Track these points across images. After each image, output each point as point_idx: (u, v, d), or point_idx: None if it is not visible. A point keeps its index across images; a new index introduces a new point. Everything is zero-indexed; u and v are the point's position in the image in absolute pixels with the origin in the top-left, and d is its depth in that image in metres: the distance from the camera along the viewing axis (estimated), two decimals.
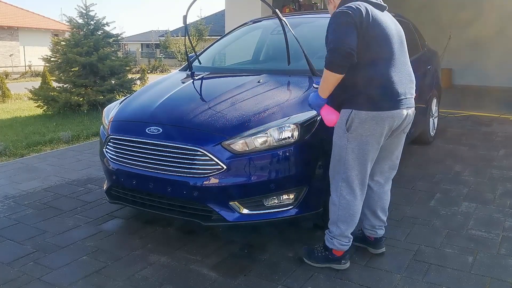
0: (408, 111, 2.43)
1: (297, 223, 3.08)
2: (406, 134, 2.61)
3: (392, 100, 2.34)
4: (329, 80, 2.29)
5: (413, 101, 2.50)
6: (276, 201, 2.72)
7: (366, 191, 2.58)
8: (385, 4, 2.50)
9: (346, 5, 2.35)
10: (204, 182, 2.64)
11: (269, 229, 3.04)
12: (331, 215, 2.54)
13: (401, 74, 2.40)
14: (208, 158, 2.62)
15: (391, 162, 2.65)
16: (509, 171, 4.32)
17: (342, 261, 2.54)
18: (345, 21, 2.25)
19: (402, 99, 2.37)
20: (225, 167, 2.60)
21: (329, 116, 2.45)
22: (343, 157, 2.42)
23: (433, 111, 5.42)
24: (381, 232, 2.71)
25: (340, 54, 2.21)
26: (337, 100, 2.41)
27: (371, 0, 2.43)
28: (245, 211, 2.69)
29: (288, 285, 2.42)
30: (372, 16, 2.32)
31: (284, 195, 2.72)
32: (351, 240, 2.56)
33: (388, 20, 2.45)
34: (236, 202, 2.68)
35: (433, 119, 5.46)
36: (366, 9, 2.32)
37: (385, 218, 2.71)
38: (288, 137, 2.66)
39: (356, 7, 2.29)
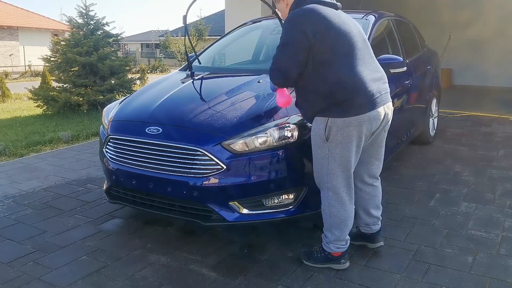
0: (385, 109, 2.40)
1: (297, 223, 3.08)
2: (386, 132, 2.59)
3: (366, 101, 2.30)
4: (278, 87, 2.46)
5: (388, 95, 2.46)
6: (276, 201, 2.72)
7: (357, 193, 2.59)
8: (338, 3, 2.46)
9: (300, 8, 2.31)
10: (204, 182, 2.64)
11: (269, 229, 3.04)
12: (324, 222, 2.53)
13: (370, 71, 2.36)
14: (208, 158, 2.62)
15: (376, 161, 2.63)
16: (509, 171, 4.32)
17: (342, 261, 2.54)
18: (293, 39, 2.27)
19: (376, 98, 2.33)
20: (225, 167, 2.60)
21: (283, 98, 2.52)
22: (325, 166, 2.39)
23: (433, 111, 5.42)
24: (376, 227, 2.71)
25: (279, 76, 2.34)
26: (312, 110, 2.39)
27: (324, 1, 2.38)
28: (245, 211, 2.69)
29: (288, 285, 2.42)
30: (328, 19, 2.27)
31: (284, 195, 2.72)
32: (349, 240, 2.55)
33: (344, 18, 2.38)
34: (236, 202, 2.68)
35: (433, 119, 5.46)
36: (322, 13, 2.27)
37: (379, 214, 2.71)
38: (288, 137, 2.65)
39: (308, 13, 2.25)
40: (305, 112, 2.48)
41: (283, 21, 3.18)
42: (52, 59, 8.69)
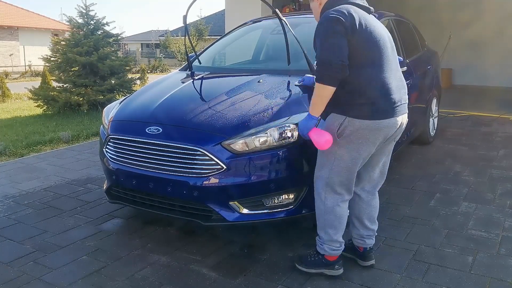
0: (402, 118, 2.35)
1: (297, 223, 3.08)
2: (395, 142, 2.52)
3: (387, 108, 2.25)
4: (322, 94, 2.18)
5: (406, 106, 2.41)
6: (276, 201, 2.72)
7: (354, 199, 2.53)
8: (371, 7, 2.42)
9: (335, 8, 2.25)
10: (204, 182, 2.64)
11: (269, 229, 3.04)
12: (318, 221, 2.47)
13: (395, 79, 2.31)
14: (208, 158, 2.62)
15: (379, 169, 2.54)
16: (509, 171, 4.32)
17: (336, 266, 2.47)
18: (336, 30, 2.15)
19: (397, 106, 2.28)
20: (225, 167, 2.60)
21: (321, 138, 2.24)
22: (330, 162, 2.34)
23: (433, 111, 5.42)
24: (370, 242, 2.59)
25: (332, 67, 2.12)
26: (332, 105, 2.26)
27: (359, 3, 2.35)
28: (245, 211, 2.69)
29: (288, 285, 2.42)
30: (363, 21, 2.23)
31: (284, 195, 2.72)
32: (343, 244, 2.48)
33: (376, 23, 2.34)
34: (236, 202, 2.68)
35: (433, 119, 5.46)
36: (357, 14, 2.24)
37: (374, 228, 2.60)
38: (288, 137, 2.65)
39: (348, 12, 2.20)
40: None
41: (283, 21, 3.19)
42: (52, 59, 8.70)
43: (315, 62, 2.26)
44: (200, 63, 4.02)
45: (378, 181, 2.58)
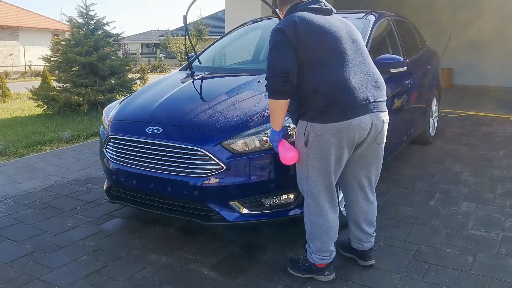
0: (373, 118, 2.22)
1: (297, 223, 3.07)
2: (382, 145, 2.39)
3: (347, 108, 2.15)
4: (276, 108, 2.21)
5: (382, 105, 2.29)
6: (276, 201, 2.72)
7: (348, 204, 2.51)
8: (330, 8, 2.39)
9: (283, 19, 2.29)
10: (204, 182, 2.64)
11: (269, 229, 3.04)
12: (306, 232, 2.43)
13: (359, 77, 2.21)
14: (208, 158, 2.62)
15: (369, 174, 2.44)
16: (509, 171, 4.32)
17: (326, 272, 2.42)
18: (278, 40, 2.18)
19: (361, 105, 2.18)
20: (225, 167, 2.60)
21: (287, 153, 2.26)
22: (305, 173, 2.30)
23: (433, 111, 5.42)
24: (368, 245, 2.55)
25: (277, 80, 2.13)
26: (295, 112, 2.29)
27: (313, 7, 2.32)
28: (245, 211, 2.69)
29: (288, 285, 2.42)
30: (311, 24, 2.21)
31: (284, 195, 2.72)
32: (333, 252, 2.42)
33: (334, 23, 2.29)
34: (236, 202, 2.68)
35: (433, 119, 5.46)
36: (304, 19, 2.21)
37: (371, 231, 2.55)
38: (288, 137, 2.65)
39: (292, 20, 2.20)
40: (290, 114, 2.36)
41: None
42: (52, 59, 8.70)
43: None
44: (200, 63, 4.02)
45: (370, 186, 2.48)
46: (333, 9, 2.41)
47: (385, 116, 2.33)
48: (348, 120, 2.16)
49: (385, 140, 2.40)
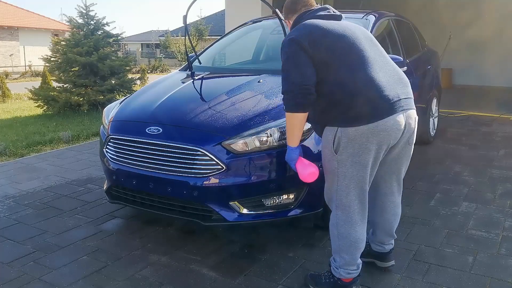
0: (405, 116, 2.12)
1: (297, 223, 3.08)
2: (413, 145, 2.30)
3: (379, 107, 2.04)
4: (295, 122, 2.11)
5: (411, 102, 2.19)
6: (276, 201, 2.72)
7: (375, 209, 2.38)
8: (340, 14, 2.33)
9: (294, 28, 2.21)
10: (204, 182, 2.64)
11: (269, 229, 3.04)
12: (333, 245, 2.28)
13: (385, 75, 2.12)
14: (208, 158, 2.62)
15: (399, 177, 2.37)
16: (509, 171, 4.32)
17: (353, 287, 2.31)
18: (293, 51, 2.07)
19: (393, 103, 2.06)
20: (225, 167, 2.60)
21: (306, 170, 2.17)
22: (335, 182, 2.16)
23: (433, 111, 5.43)
24: (389, 247, 2.50)
25: (295, 94, 2.05)
26: (321, 120, 2.17)
27: (322, 14, 2.28)
28: (245, 211, 2.69)
29: (288, 285, 2.42)
30: (322, 27, 2.13)
31: (284, 195, 2.72)
32: (360, 265, 2.30)
33: (347, 26, 2.22)
34: (236, 202, 2.68)
35: (433, 119, 5.46)
36: (317, 25, 2.15)
37: (394, 233, 2.49)
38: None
39: (304, 29, 2.13)
40: (315, 124, 2.26)
41: (283, 21, 3.20)
42: (52, 59, 8.70)
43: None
44: (200, 63, 4.02)
45: (399, 187, 2.41)
46: (342, 15, 2.35)
47: (415, 114, 2.23)
48: (382, 120, 2.04)
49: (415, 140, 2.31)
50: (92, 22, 8.75)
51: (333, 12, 2.33)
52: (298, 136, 2.19)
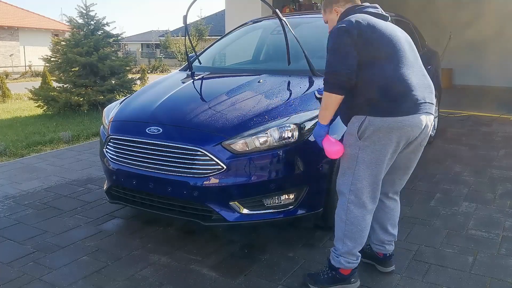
0: (426, 118, 2.23)
1: (297, 223, 3.08)
2: (423, 148, 2.39)
3: (408, 104, 2.16)
4: (330, 102, 2.19)
5: (433, 107, 2.29)
6: (276, 201, 2.72)
7: (378, 206, 2.40)
8: (387, 15, 2.42)
9: (345, 19, 2.26)
10: (204, 182, 2.64)
11: (269, 229, 3.04)
12: (337, 231, 2.33)
13: (416, 77, 2.23)
14: (208, 158, 2.62)
15: (404, 176, 2.46)
16: (509, 171, 4.32)
17: (352, 280, 2.35)
18: (343, 39, 2.16)
19: (420, 104, 2.18)
20: (225, 167, 2.60)
21: (333, 147, 2.26)
22: (353, 167, 2.24)
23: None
24: (390, 248, 2.52)
25: (338, 75, 2.14)
26: (351, 109, 2.25)
27: (372, 11, 2.36)
28: (245, 211, 2.69)
29: (288, 285, 2.42)
30: (373, 24, 2.22)
31: (284, 195, 2.72)
32: (360, 257, 2.35)
33: (392, 27, 2.33)
34: (236, 202, 2.68)
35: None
36: (367, 20, 2.23)
37: (395, 232, 2.52)
38: (288, 137, 2.65)
39: (355, 20, 2.21)
40: (344, 112, 2.31)
41: (283, 21, 3.20)
42: (52, 59, 8.70)
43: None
44: (200, 63, 4.02)
45: (400, 186, 2.50)
46: (389, 17, 2.43)
47: (433, 120, 2.34)
48: (408, 116, 2.16)
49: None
50: (92, 22, 8.75)
51: (381, 12, 2.42)
52: (331, 115, 2.25)
